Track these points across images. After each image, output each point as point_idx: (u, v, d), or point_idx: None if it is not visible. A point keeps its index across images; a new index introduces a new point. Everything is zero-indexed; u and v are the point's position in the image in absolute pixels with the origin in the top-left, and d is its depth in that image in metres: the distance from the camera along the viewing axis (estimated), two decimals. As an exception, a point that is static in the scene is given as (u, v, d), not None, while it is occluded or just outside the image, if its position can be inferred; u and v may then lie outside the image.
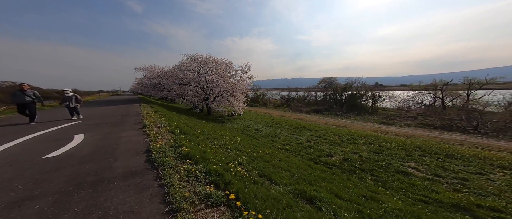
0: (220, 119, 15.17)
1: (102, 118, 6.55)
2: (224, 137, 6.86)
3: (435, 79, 18.92)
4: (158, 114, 7.32)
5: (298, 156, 6.63)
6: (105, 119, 6.30)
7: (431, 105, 20.40)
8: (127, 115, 7.27)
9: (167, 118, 6.45)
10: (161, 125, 4.87)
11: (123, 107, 10.73)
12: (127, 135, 4.09)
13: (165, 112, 8.49)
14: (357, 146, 7.44)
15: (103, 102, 14.98)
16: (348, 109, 24.28)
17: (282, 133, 11.03)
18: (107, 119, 6.30)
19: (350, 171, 4.94)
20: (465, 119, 10.06)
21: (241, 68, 15.62)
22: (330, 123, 14.33)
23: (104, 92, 51.15)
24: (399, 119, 17.32)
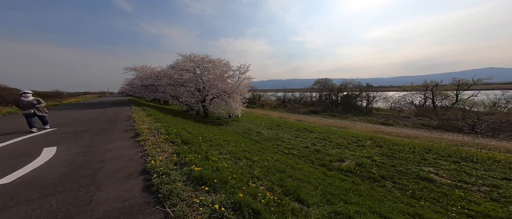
0: (217, 121, 14.38)
1: (84, 124, 5.55)
2: (227, 142, 6.21)
3: (426, 80, 19.54)
4: (152, 118, 6.46)
5: (308, 162, 6.13)
6: (88, 125, 5.33)
7: (422, 105, 21.04)
8: (115, 119, 6.31)
9: (163, 122, 5.65)
10: (158, 132, 4.11)
11: (111, 110, 9.58)
12: (115, 147, 3.28)
13: (160, 115, 7.61)
14: (366, 149, 7.10)
15: (88, 105, 13.57)
16: (343, 109, 24.47)
17: (284, 135, 10.53)
18: (90, 125, 5.34)
19: (369, 178, 4.51)
20: (462, 119, 10.22)
21: (239, 68, 14.96)
22: (330, 124, 14.09)
23: (91, 94, 47.85)
24: (394, 119, 17.59)
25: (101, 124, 5.50)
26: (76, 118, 6.74)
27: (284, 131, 11.93)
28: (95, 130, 4.64)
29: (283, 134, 10.83)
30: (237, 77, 15.19)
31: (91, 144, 3.48)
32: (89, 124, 5.45)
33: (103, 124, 5.50)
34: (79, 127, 5.12)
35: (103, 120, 6.16)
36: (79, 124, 5.54)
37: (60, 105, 12.57)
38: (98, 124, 5.48)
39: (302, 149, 7.71)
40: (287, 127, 13.04)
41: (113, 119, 6.37)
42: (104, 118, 6.64)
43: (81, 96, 36.63)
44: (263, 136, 10.35)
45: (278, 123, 14.47)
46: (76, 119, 6.57)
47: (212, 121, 14.04)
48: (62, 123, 5.68)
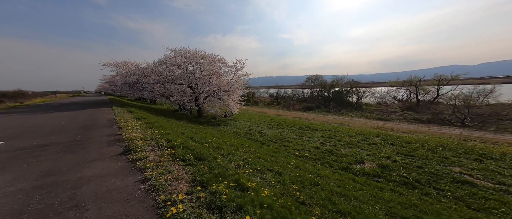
0: (213, 121, 13.15)
1: (48, 134, 4.00)
2: (236, 148, 5.25)
3: (411, 76, 20.49)
4: (143, 122, 5.13)
5: (326, 165, 5.48)
6: (53, 136, 3.84)
7: (406, 100, 22.15)
8: (93, 125, 4.83)
9: (158, 128, 4.43)
10: (157, 145, 2.97)
11: (86, 113, 7.71)
12: (97, 173, 2.08)
13: (151, 117, 6.21)
14: (379, 147, 6.71)
15: (57, 106, 11.17)
16: (335, 105, 24.80)
17: (288, 135, 9.84)
18: (56, 136, 3.85)
19: (404, 183, 3.99)
20: (453, 113, 10.60)
21: (235, 64, 13.75)
22: (330, 121, 13.81)
23: (63, 93, 41.83)
24: (384, 113, 18.14)
25: (72, 133, 4.01)
26: (37, 126, 4.98)
27: (286, 129, 11.25)
28: (63, 144, 3.23)
29: (287, 133, 10.14)
30: (233, 73, 13.96)
31: (56, 170, 2.21)
32: (55, 134, 3.92)
33: (75, 133, 4.03)
34: (40, 138, 3.60)
35: (76, 127, 4.60)
36: (41, 134, 3.94)
37: (19, 108, 10.03)
38: (68, 133, 3.97)
39: (313, 149, 7.07)
40: (288, 125, 12.39)
41: (90, 125, 4.84)
42: (77, 124, 5.03)
43: (50, 96, 31.69)
44: (267, 137, 9.54)
45: (278, 121, 13.76)
46: (37, 126, 4.83)
47: (207, 121, 12.76)
48: (14, 134, 4.03)
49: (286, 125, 12.62)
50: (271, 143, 8.32)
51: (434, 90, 19.57)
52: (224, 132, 9.94)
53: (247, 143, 7.31)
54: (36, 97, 26.33)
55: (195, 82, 12.53)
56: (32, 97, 26.81)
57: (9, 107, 10.16)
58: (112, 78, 18.91)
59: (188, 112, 13.74)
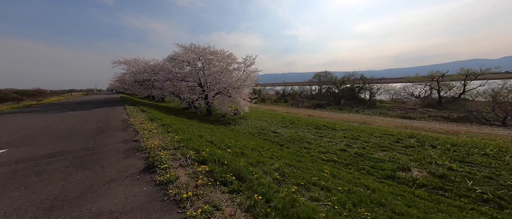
0: (223, 119, 12.61)
1: (57, 139, 3.49)
2: (259, 153, 4.64)
3: (432, 71, 18.84)
4: (158, 123, 4.61)
5: (363, 172, 4.75)
6: (63, 141, 3.33)
7: (426, 96, 20.56)
8: (106, 128, 4.36)
9: (177, 132, 3.88)
10: (184, 157, 2.36)
11: (99, 112, 7.34)
12: (116, 208, 1.45)
13: (165, 117, 5.69)
14: (419, 151, 5.85)
15: (71, 105, 11.05)
16: (346, 103, 23.56)
17: (306, 135, 9.11)
18: (66, 141, 3.34)
19: (485, 201, 3.21)
20: (492, 110, 9.35)
21: (244, 61, 13.00)
22: (347, 119, 12.87)
23: (77, 92, 43.10)
24: (402, 111, 16.85)
25: (84, 138, 3.52)
26: (48, 127, 4.57)
27: (302, 129, 10.51)
28: (73, 154, 2.69)
29: (303, 133, 9.40)
30: (242, 70, 13.25)
31: (63, 197, 1.64)
32: (65, 139, 3.43)
33: (87, 138, 3.54)
34: (48, 145, 3.11)
35: (88, 130, 4.12)
36: (50, 138, 3.49)
37: (34, 107, 9.95)
38: (79, 138, 3.47)
39: (340, 152, 6.32)
40: (302, 124, 11.62)
41: (104, 127, 4.36)
42: (89, 126, 4.57)
43: (67, 94, 32.62)
44: (283, 137, 8.86)
45: (290, 120, 13.01)
46: (47, 128, 4.40)
47: (217, 120, 12.25)
48: (21, 138, 3.60)
49: (300, 123, 11.86)
50: (290, 144, 7.65)
51: (458, 86, 17.90)
52: (237, 131, 9.37)
53: (265, 145, 6.69)
54: (53, 96, 27.04)
55: (204, 79, 11.98)
56: (50, 95, 27.58)
57: (24, 106, 10.11)
58: (123, 76, 18.83)
59: (198, 111, 13.29)
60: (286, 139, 8.53)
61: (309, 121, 12.49)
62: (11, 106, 9.35)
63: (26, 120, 5.39)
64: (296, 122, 12.18)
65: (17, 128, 4.35)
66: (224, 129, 9.02)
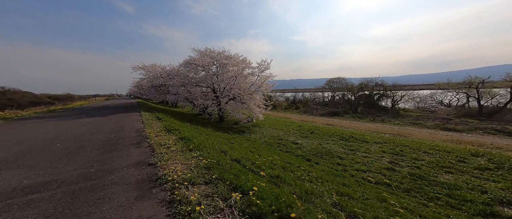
0: (236, 127, 11.76)
1: (56, 156, 2.78)
2: (293, 173, 3.62)
3: (470, 76, 16.45)
4: (177, 136, 3.83)
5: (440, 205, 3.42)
6: (58, 162, 2.56)
7: (462, 105, 17.96)
8: (117, 141, 3.62)
9: (201, 151, 3.05)
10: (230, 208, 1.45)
11: (114, 119, 6.88)
12: None
13: (184, 130, 4.93)
14: (502, 175, 4.34)
15: (89, 110, 11.07)
16: (364, 110, 21.53)
17: (333, 147, 7.83)
18: (63, 162, 2.58)
19: None
20: None
21: (259, 65, 12.28)
22: (376, 130, 11.27)
23: (101, 96, 46.01)
24: (433, 120, 14.65)
25: (89, 156, 2.76)
26: (54, 138, 3.89)
27: (325, 140, 9.23)
28: (66, 187, 1.94)
29: (329, 145, 8.14)
30: (256, 75, 12.51)
31: None
32: (65, 158, 2.74)
33: (93, 156, 2.78)
34: (40, 167, 2.41)
35: (97, 144, 3.41)
36: (47, 156, 2.80)
37: (57, 112, 10.06)
38: (83, 157, 2.77)
39: (387, 172, 5.00)
40: (324, 134, 10.32)
41: (115, 140, 3.62)
42: (99, 138, 3.88)
43: (91, 99, 34.75)
44: (306, 149, 7.69)
45: (309, 129, 11.77)
46: (52, 140, 3.70)
47: (230, 127, 11.43)
48: (15, 154, 2.85)
49: (321, 133, 10.58)
50: (317, 158, 6.46)
51: (502, 93, 15.31)
52: (254, 142, 8.39)
53: (291, 159, 5.61)
54: (80, 100, 28.84)
55: (218, 85, 11.42)
56: (78, 100, 29.49)
57: (48, 111, 10.26)
58: (140, 82, 19.26)
59: (210, 117, 12.66)
60: (311, 151, 7.35)
61: (330, 131, 11.15)
62: (34, 111, 9.48)
63: (37, 128, 4.99)
64: (316, 132, 10.92)
65: (19, 139, 3.83)
66: (241, 139, 8.12)
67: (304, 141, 9.01)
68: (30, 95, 27.80)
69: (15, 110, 13.85)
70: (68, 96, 35.11)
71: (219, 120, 12.41)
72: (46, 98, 29.58)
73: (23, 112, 8.95)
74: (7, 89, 25.38)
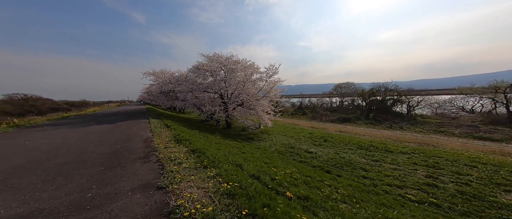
0: (244, 134, 11.23)
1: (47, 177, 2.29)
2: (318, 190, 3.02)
3: (496, 80, 15.09)
4: (188, 148, 3.39)
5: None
6: (51, 184, 2.10)
7: (489, 112, 16.39)
8: (123, 153, 3.22)
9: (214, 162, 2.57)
10: None
11: (123, 126, 6.62)
12: None
13: (195, 140, 4.49)
14: None
15: (101, 116, 11.09)
16: (377, 117, 20.29)
17: (352, 157, 7.06)
18: (57, 183, 2.13)
19: None
20: None
21: (266, 70, 11.92)
22: (396, 138, 10.29)
23: (114, 102, 47.66)
24: (456, 128, 13.30)
25: (89, 175, 2.37)
26: (56, 149, 3.57)
27: (341, 148, 8.45)
28: (54, 217, 1.52)
29: (347, 155, 7.36)
30: (264, 81, 12.11)
31: None
32: (61, 177, 2.30)
33: (93, 174, 2.34)
34: (27, 191, 1.99)
35: (100, 159, 2.98)
36: (41, 175, 2.38)
37: (69, 118, 10.14)
38: (81, 175, 2.35)
39: (428, 188, 4.22)
40: (338, 142, 9.54)
41: (120, 153, 3.22)
42: (104, 149, 3.49)
43: (105, 105, 35.94)
44: (322, 159, 6.98)
45: (321, 136, 11.02)
46: (53, 152, 3.40)
47: (238, 134, 10.92)
48: (5, 171, 2.50)
49: (335, 141, 9.79)
50: (338, 170, 5.73)
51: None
52: (265, 151, 7.80)
53: (308, 171, 4.97)
54: (94, 106, 29.87)
55: (225, 90, 11.13)
56: (92, 106, 30.59)
57: (62, 118, 10.37)
58: (150, 88, 19.55)
59: (219, 125, 12.27)
60: (328, 162, 6.63)
61: (344, 139, 10.33)
62: (48, 118, 9.58)
63: (43, 137, 4.75)
64: (329, 139, 10.15)
65: (18, 151, 3.47)
66: (251, 147, 7.57)
67: (318, 150, 8.29)
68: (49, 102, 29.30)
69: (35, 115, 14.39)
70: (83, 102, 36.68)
71: (227, 127, 11.98)
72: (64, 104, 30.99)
73: (38, 119, 9.05)
74: (29, 96, 26.95)
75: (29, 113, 18.94)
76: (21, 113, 17.20)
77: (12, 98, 25.78)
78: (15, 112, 17.65)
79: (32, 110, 22.35)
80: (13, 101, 25.28)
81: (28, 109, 22.36)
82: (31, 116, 12.95)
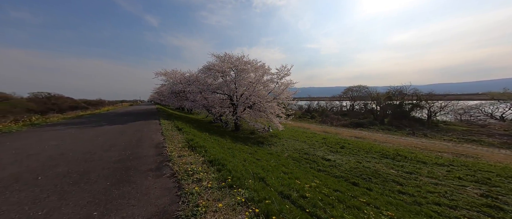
0: (253, 137, 10.67)
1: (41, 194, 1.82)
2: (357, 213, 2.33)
3: None
4: (204, 157, 2.92)
5: None
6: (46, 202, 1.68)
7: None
8: (132, 163, 2.76)
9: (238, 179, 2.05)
10: None
11: (134, 127, 6.35)
12: None
13: (209, 146, 3.99)
14: None
15: (113, 116, 11.12)
16: (394, 122, 18.83)
17: (378, 167, 6.25)
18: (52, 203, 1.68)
19: None
20: None
21: (278, 72, 11.34)
22: (425, 147, 9.21)
23: (127, 102, 49.45)
24: (487, 137, 11.77)
25: (91, 190, 1.98)
26: (63, 153, 3.27)
27: (362, 157, 7.63)
28: None
29: (372, 164, 6.55)
30: (275, 82, 11.52)
31: None
32: (58, 192, 1.92)
33: (97, 188, 2.02)
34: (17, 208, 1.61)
35: (107, 167, 2.60)
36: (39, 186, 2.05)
37: (84, 117, 10.25)
38: (83, 188, 2.02)
39: (497, 213, 3.38)
40: (358, 150, 8.69)
41: (130, 162, 2.78)
42: (113, 155, 3.12)
43: (119, 104, 37.26)
44: (344, 168, 6.24)
45: (337, 142, 10.21)
46: (57, 159, 3.02)
47: (247, 137, 10.39)
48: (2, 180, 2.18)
49: (353, 148, 8.94)
50: (366, 182, 4.98)
51: None
52: (278, 156, 7.19)
53: (334, 183, 4.30)
54: (109, 105, 31.03)
55: (234, 92, 10.69)
56: (107, 105, 31.82)
57: (76, 117, 10.53)
58: (160, 88, 19.73)
59: (228, 127, 11.84)
60: (351, 172, 5.88)
61: (363, 145, 9.44)
62: (63, 117, 9.73)
63: (51, 139, 4.48)
64: (346, 146, 9.31)
65: (18, 157, 3.07)
66: (263, 152, 7.01)
67: (336, 158, 7.53)
68: (70, 101, 30.91)
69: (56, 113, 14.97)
70: (99, 101, 38.39)
71: (235, 129, 11.51)
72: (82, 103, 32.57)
73: (54, 117, 9.20)
74: (52, 95, 28.62)
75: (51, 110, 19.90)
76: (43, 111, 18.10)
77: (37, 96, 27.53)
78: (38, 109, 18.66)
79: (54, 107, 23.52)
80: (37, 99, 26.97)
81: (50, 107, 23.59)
82: (52, 114, 13.44)
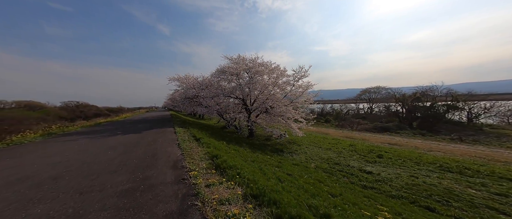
0: (270, 144, 9.55)
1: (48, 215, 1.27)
2: None
3: None
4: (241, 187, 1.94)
5: None
6: None
7: None
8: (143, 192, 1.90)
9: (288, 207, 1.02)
10: None
11: (148, 137, 5.53)
12: None
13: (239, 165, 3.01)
14: None
15: (129, 124, 10.85)
16: (424, 125, 16.38)
17: (445, 184, 4.83)
18: None
19: None
20: None
21: (295, 73, 10.27)
22: (492, 157, 7.32)
23: (143, 109, 51.63)
24: None
25: None
26: (61, 175, 2.59)
27: (412, 169, 6.13)
28: None
29: (432, 180, 5.08)
30: (292, 85, 10.43)
31: None
32: None
33: None
34: None
35: (108, 206, 1.68)
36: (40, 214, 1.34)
37: (102, 125, 10.13)
38: None
39: None
40: (403, 160, 7.16)
41: (139, 192, 1.91)
42: (120, 180, 2.31)
43: (136, 111, 38.83)
44: (397, 184, 4.91)
45: (370, 150, 8.73)
46: (58, 178, 2.45)
47: (263, 144, 9.30)
48: None
49: (394, 158, 7.41)
50: (444, 207, 3.63)
51: None
52: (305, 167, 6.00)
53: (397, 206, 3.02)
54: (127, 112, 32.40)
55: (248, 95, 9.81)
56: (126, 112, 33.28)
57: (95, 124, 10.49)
58: (173, 94, 19.77)
59: (243, 133, 10.91)
60: (410, 190, 4.52)
61: (406, 154, 7.84)
62: (82, 125, 9.75)
63: (59, 153, 3.81)
64: (384, 155, 7.79)
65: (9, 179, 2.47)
66: (288, 163, 5.87)
67: (379, 170, 6.12)
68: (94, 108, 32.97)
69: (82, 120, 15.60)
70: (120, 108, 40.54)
71: (249, 135, 10.51)
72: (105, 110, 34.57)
73: (72, 126, 9.16)
74: (80, 103, 30.82)
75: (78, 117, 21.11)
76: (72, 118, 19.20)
77: (68, 105, 29.87)
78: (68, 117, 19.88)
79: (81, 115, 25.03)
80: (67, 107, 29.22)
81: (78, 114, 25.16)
82: (79, 121, 13.99)
